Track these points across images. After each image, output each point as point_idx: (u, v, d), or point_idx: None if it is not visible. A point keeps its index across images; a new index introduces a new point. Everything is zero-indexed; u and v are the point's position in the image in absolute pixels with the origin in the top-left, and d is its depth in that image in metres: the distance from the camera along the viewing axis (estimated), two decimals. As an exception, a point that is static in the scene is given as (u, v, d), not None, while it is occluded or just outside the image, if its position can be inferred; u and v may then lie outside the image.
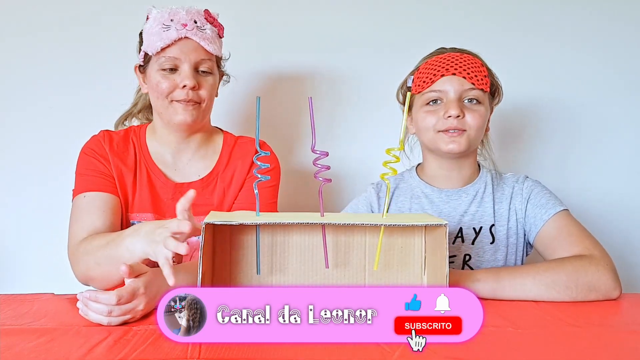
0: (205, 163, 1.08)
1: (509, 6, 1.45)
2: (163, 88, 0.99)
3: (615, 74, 1.46)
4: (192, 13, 0.99)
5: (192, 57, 0.99)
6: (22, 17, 1.39)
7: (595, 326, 0.72)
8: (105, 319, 0.70)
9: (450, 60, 1.01)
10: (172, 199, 1.03)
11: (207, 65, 1.01)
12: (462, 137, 0.99)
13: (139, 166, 1.05)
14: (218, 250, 0.78)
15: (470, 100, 1.00)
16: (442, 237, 0.71)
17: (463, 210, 1.04)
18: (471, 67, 1.00)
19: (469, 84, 0.99)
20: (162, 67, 0.99)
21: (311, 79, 1.44)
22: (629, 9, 1.46)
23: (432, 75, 1.01)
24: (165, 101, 1.00)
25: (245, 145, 1.10)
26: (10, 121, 1.40)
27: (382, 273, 0.80)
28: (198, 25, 0.98)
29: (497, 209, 1.05)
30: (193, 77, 0.98)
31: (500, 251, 1.03)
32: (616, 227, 1.47)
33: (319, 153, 0.70)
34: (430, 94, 1.01)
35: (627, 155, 1.48)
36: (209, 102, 1.03)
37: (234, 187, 1.06)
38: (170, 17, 0.97)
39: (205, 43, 0.99)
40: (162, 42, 0.97)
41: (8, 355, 0.60)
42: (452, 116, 0.97)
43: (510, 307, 0.80)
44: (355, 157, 1.41)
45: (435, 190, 1.06)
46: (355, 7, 1.44)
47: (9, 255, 1.41)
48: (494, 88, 1.05)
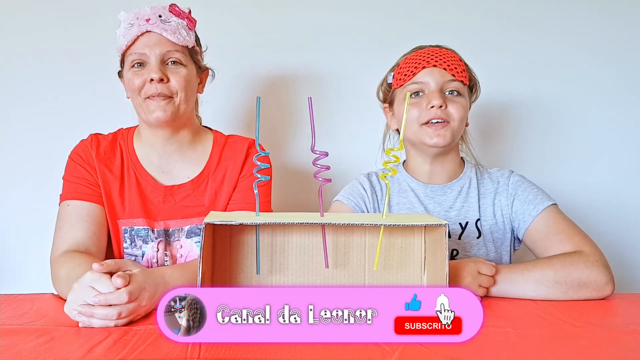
0: (194, 164, 1.07)
1: (491, 2, 1.45)
2: (135, 85, 0.98)
3: (598, 70, 1.47)
4: (157, 8, 0.99)
5: (157, 50, 0.97)
6: (22, 17, 1.39)
7: (594, 326, 0.72)
8: (112, 322, 0.70)
9: (430, 53, 1.03)
10: (163, 202, 1.03)
11: (175, 56, 0.99)
12: (446, 130, 1.01)
13: (127, 171, 1.04)
14: (218, 250, 0.78)
15: (451, 92, 1.02)
16: (442, 237, 0.71)
17: (448, 206, 1.06)
18: (451, 60, 1.02)
19: (450, 75, 1.01)
20: (131, 64, 0.99)
21: (311, 79, 1.44)
22: (613, 5, 1.46)
23: (414, 68, 1.02)
24: (139, 99, 0.99)
25: (235, 144, 1.09)
26: (10, 121, 1.40)
27: (382, 273, 0.80)
28: (162, 19, 0.98)
29: (482, 203, 1.06)
30: (159, 70, 0.97)
31: (486, 246, 1.04)
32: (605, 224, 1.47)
33: (319, 153, 0.71)
34: (412, 85, 1.03)
35: (610, 151, 1.49)
36: (183, 94, 0.99)
37: (226, 188, 1.05)
38: (135, 15, 0.98)
39: (169, 34, 0.97)
40: (126, 40, 0.97)
41: (8, 355, 0.60)
42: (434, 106, 0.99)
43: (511, 307, 0.81)
44: (355, 157, 1.40)
45: (421, 185, 1.08)
46: (354, 7, 1.44)
47: (9, 255, 1.41)
48: (472, 83, 1.07)
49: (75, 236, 0.95)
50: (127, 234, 1.01)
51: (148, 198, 1.03)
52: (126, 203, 1.02)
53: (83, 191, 1.00)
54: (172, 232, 1.03)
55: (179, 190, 1.04)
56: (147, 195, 1.03)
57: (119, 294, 0.70)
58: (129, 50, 0.98)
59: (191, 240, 1.03)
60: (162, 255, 1.03)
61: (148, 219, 1.02)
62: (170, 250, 1.03)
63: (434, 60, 1.01)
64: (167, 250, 1.03)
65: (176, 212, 1.03)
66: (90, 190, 1.00)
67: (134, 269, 0.76)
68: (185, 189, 1.04)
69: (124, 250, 1.02)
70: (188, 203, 1.04)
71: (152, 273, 0.79)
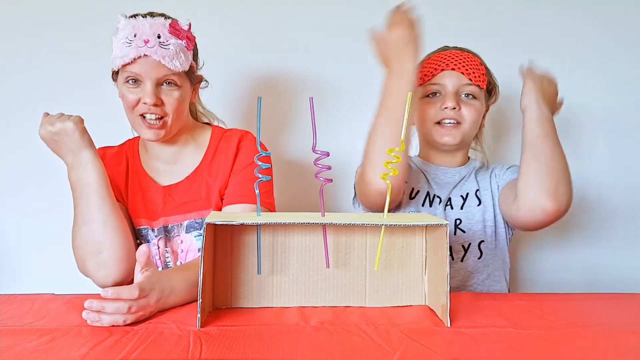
0: (192, 160, 1.07)
1: (507, 5, 1.46)
2: (128, 100, 0.98)
3: (610, 73, 1.47)
4: (156, 26, 0.94)
5: (153, 74, 0.95)
6: (22, 17, 1.39)
7: (595, 326, 0.72)
8: (122, 317, 0.70)
9: (451, 56, 1.08)
10: (163, 202, 1.05)
11: (171, 78, 0.98)
12: (457, 130, 1.07)
13: (131, 175, 1.06)
14: (219, 250, 0.78)
15: (467, 95, 1.07)
16: (443, 237, 0.71)
17: (452, 185, 1.11)
18: (470, 64, 1.07)
19: (467, 79, 1.06)
20: (126, 79, 0.98)
21: (312, 79, 1.44)
22: (626, 11, 1.47)
23: (433, 69, 1.08)
24: (133, 114, 0.99)
25: (230, 137, 1.08)
26: (11, 121, 1.40)
27: (383, 273, 0.81)
28: (161, 41, 0.94)
29: (480, 179, 1.12)
30: (154, 95, 0.96)
31: (487, 211, 1.08)
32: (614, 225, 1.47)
33: (320, 153, 0.71)
34: (430, 86, 1.08)
35: (623, 152, 1.49)
36: (175, 115, 1.00)
37: (219, 180, 1.05)
38: (134, 30, 0.94)
39: (167, 60, 0.95)
40: (122, 60, 0.95)
41: (9, 355, 0.60)
42: (448, 107, 1.04)
43: (510, 307, 0.81)
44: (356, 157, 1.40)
45: (433, 166, 1.13)
46: (354, 7, 1.44)
47: (9, 255, 1.41)
48: (491, 87, 1.12)
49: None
50: None
51: (150, 200, 1.05)
52: (129, 205, 1.05)
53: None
54: (172, 228, 1.04)
55: (177, 189, 1.05)
56: (149, 198, 1.05)
57: (131, 288, 0.71)
58: (124, 68, 0.96)
59: (191, 234, 1.03)
60: (163, 251, 1.05)
61: (149, 220, 1.04)
62: (171, 246, 1.04)
63: (452, 64, 1.06)
64: (168, 246, 1.05)
65: (175, 210, 1.04)
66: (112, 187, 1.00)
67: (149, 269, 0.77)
68: (182, 186, 1.05)
69: None
70: (186, 199, 1.04)
71: (162, 275, 0.79)
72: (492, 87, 1.13)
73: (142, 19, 0.95)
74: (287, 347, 0.63)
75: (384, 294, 0.81)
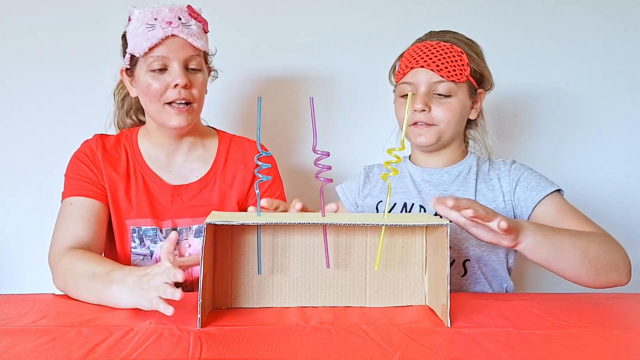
0: (201, 163, 1.07)
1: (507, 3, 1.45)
2: (154, 89, 0.96)
3: (612, 67, 1.47)
4: (175, 10, 0.96)
5: (181, 54, 0.96)
6: (22, 17, 1.39)
7: (594, 326, 0.72)
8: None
9: (424, 50, 1.00)
10: (171, 202, 1.03)
11: (197, 61, 0.99)
12: (431, 131, 1.01)
13: (134, 172, 1.04)
14: (219, 250, 0.78)
15: (439, 95, 0.99)
16: (443, 237, 0.71)
17: (444, 189, 1.04)
18: (443, 58, 0.98)
19: (438, 76, 0.98)
20: (151, 67, 0.96)
21: (312, 78, 1.44)
22: (626, 5, 1.46)
23: (405, 66, 1.02)
24: (159, 104, 0.98)
25: (242, 144, 1.10)
26: (11, 121, 1.40)
27: (383, 273, 0.80)
28: (183, 22, 0.95)
29: (480, 188, 1.03)
30: (184, 75, 0.96)
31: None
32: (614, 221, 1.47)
33: (320, 153, 0.71)
34: (403, 86, 1.03)
35: (622, 147, 1.49)
36: (200, 101, 1.01)
37: (236, 189, 1.06)
38: (153, 15, 0.95)
39: (193, 39, 0.96)
40: (149, 42, 0.94)
41: (9, 355, 0.60)
42: (417, 110, 0.99)
43: (510, 307, 0.81)
44: (356, 157, 1.41)
45: (419, 169, 1.08)
46: (354, 6, 1.44)
47: (9, 255, 1.41)
48: (478, 75, 1.02)
49: (78, 234, 0.95)
50: (135, 234, 1.02)
51: (155, 198, 1.04)
52: (133, 203, 1.02)
53: (86, 188, 0.99)
54: (180, 231, 1.03)
55: (187, 190, 1.05)
56: (154, 196, 1.04)
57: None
58: (150, 52, 0.95)
59: (199, 239, 1.03)
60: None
61: (156, 219, 1.03)
62: (179, 250, 1.04)
63: (422, 60, 0.99)
64: (176, 249, 1.03)
65: (184, 212, 1.04)
66: (94, 187, 1.00)
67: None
68: (193, 188, 1.04)
69: (132, 249, 1.02)
70: (196, 202, 1.04)
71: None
72: (481, 76, 1.02)
73: (158, 6, 0.96)
74: (287, 347, 0.62)
75: (384, 294, 0.81)
